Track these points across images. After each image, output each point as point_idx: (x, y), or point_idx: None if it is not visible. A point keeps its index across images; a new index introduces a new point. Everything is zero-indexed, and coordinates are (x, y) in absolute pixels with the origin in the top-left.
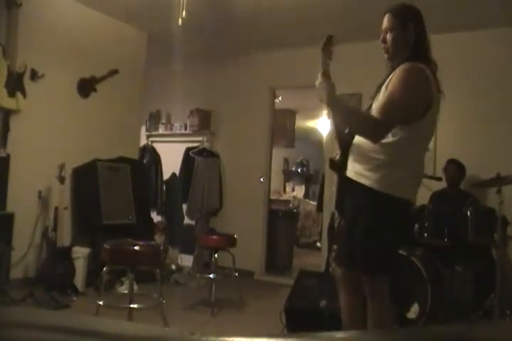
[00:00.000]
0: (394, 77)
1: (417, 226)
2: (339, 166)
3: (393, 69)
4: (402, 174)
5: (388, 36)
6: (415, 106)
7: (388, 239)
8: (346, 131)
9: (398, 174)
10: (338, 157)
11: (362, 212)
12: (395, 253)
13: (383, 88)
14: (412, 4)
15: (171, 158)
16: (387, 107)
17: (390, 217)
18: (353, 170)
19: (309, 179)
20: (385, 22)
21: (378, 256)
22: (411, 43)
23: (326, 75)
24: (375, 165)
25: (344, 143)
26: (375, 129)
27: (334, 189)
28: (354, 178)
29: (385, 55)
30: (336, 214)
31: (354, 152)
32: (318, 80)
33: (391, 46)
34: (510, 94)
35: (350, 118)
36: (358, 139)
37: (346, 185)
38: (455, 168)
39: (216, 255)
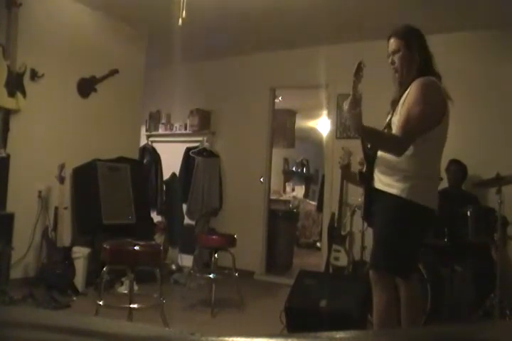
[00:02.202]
0: (410, 93)
1: None
2: (367, 178)
3: (405, 85)
4: (428, 184)
5: (396, 58)
6: (433, 117)
7: (412, 242)
8: (369, 146)
9: (425, 184)
10: (364, 170)
11: (390, 219)
12: (417, 253)
13: (400, 103)
14: (410, 25)
15: (171, 158)
16: (408, 122)
17: (414, 223)
18: (380, 181)
19: (309, 179)
20: (391, 45)
21: (405, 257)
22: (418, 61)
23: (356, 101)
24: (403, 176)
25: (369, 156)
26: (397, 147)
27: (361, 199)
28: (382, 189)
29: (396, 75)
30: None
31: (380, 164)
32: (346, 106)
33: (400, 66)
34: (510, 94)
35: (377, 141)
36: (382, 153)
37: (374, 195)
38: (457, 169)
39: (216, 255)
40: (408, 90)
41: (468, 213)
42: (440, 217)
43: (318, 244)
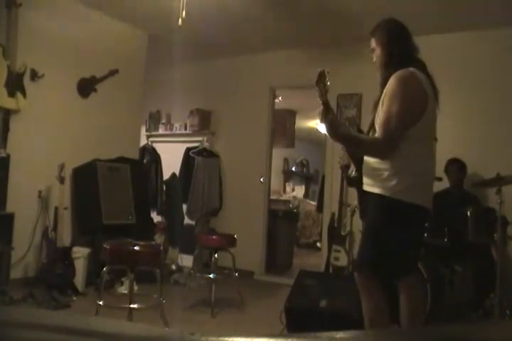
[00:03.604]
0: (388, 90)
1: None
2: (357, 182)
3: (385, 81)
4: (414, 182)
5: (374, 56)
6: (413, 113)
7: (401, 241)
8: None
9: (410, 182)
10: (353, 173)
11: (375, 218)
12: (407, 254)
13: (380, 102)
14: (389, 18)
15: (171, 158)
16: (387, 123)
17: (400, 222)
18: (366, 183)
19: (309, 179)
20: (371, 43)
21: (391, 257)
22: (391, 56)
23: (326, 109)
24: (386, 175)
25: (357, 159)
26: (380, 150)
27: (356, 202)
28: (369, 190)
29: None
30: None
31: (365, 167)
32: (320, 114)
33: (377, 63)
34: (510, 94)
35: (357, 146)
36: None
37: (364, 197)
38: (458, 168)
39: (216, 255)
40: (386, 87)
41: (468, 213)
42: (440, 216)
43: (318, 244)
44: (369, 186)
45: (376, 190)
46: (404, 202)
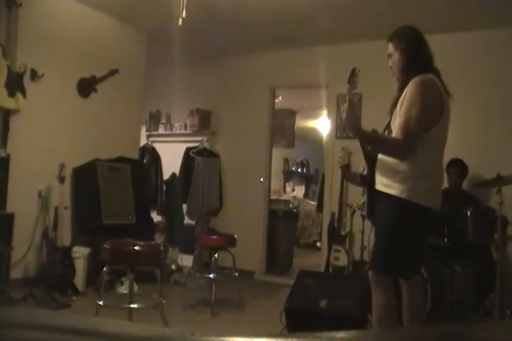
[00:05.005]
0: (407, 93)
1: None
2: (369, 180)
3: (403, 86)
4: (428, 184)
5: (391, 61)
6: (431, 117)
7: (412, 242)
8: (369, 148)
9: (424, 185)
10: (365, 172)
11: (389, 219)
12: (418, 253)
13: (398, 105)
14: (407, 25)
15: (171, 158)
16: (407, 125)
17: (414, 224)
18: (381, 182)
19: (309, 179)
20: (388, 49)
21: (405, 258)
22: (410, 61)
23: (351, 106)
24: (403, 177)
25: (370, 158)
26: (400, 150)
27: (362, 199)
28: (382, 190)
29: (395, 77)
30: (370, 224)
31: (380, 166)
32: (344, 110)
33: (395, 68)
34: (511, 94)
35: (377, 145)
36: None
37: (375, 197)
38: (458, 168)
39: (216, 255)
40: (405, 90)
41: (468, 213)
42: (440, 217)
43: (318, 244)
44: (384, 186)
45: (392, 192)
46: (418, 205)
